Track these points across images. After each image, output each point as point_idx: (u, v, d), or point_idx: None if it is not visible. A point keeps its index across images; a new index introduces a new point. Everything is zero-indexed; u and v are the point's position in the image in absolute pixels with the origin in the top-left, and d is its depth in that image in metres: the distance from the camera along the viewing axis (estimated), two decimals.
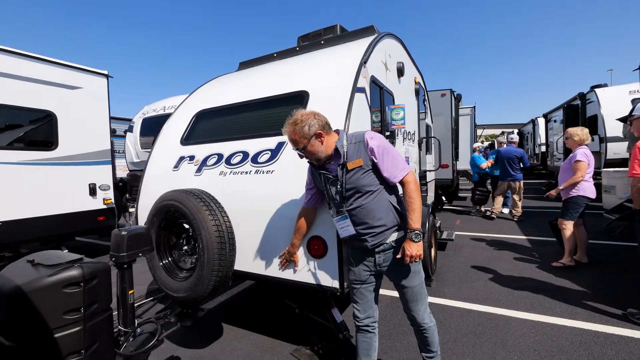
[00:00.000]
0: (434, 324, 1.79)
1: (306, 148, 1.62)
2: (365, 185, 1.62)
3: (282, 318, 2.95)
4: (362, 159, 1.61)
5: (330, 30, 3.61)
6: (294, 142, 1.65)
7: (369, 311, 1.79)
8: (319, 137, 1.62)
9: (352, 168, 1.62)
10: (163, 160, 3.04)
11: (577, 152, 3.74)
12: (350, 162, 1.63)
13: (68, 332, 1.33)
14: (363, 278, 1.76)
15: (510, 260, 4.31)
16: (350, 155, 1.64)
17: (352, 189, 1.64)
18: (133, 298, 1.79)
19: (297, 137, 1.62)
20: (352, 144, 1.66)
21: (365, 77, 2.52)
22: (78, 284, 1.35)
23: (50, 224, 4.35)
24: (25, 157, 4.13)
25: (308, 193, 1.92)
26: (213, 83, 3.64)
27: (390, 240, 1.67)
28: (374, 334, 1.82)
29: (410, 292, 1.71)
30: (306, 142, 1.61)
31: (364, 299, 1.78)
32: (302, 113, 1.67)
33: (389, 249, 1.68)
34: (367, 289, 1.78)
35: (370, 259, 1.72)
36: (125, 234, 1.71)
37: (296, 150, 1.68)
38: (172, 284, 2.25)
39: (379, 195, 1.65)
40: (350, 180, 1.63)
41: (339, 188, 1.66)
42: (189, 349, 2.55)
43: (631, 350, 2.25)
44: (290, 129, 1.63)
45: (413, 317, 1.75)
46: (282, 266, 2.13)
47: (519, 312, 2.87)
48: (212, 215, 2.09)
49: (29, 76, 4.19)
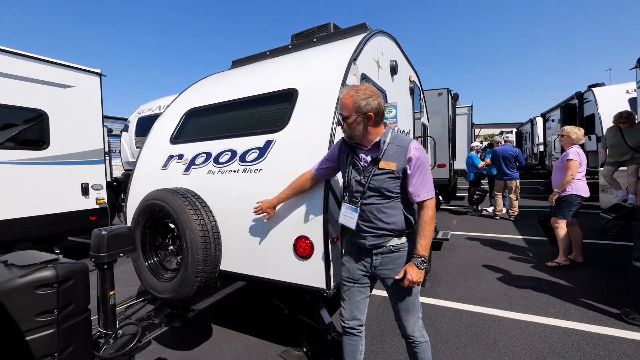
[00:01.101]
0: (425, 341, 1.69)
1: (350, 120, 1.55)
2: (387, 189, 1.56)
3: (271, 319, 2.91)
4: (396, 164, 1.55)
5: (323, 28, 3.58)
6: (344, 106, 1.57)
7: (355, 313, 1.74)
8: (367, 119, 1.55)
9: (383, 168, 1.56)
10: (152, 159, 3.00)
11: (570, 151, 3.72)
12: (384, 161, 1.56)
13: (40, 335, 1.29)
14: (356, 277, 1.71)
15: (506, 260, 4.28)
16: (388, 154, 1.57)
17: (374, 187, 1.58)
18: (114, 299, 1.75)
19: (349, 104, 1.55)
20: (394, 145, 1.59)
21: (355, 74, 2.48)
22: (51, 285, 1.32)
23: (42, 223, 4.30)
24: (16, 156, 4.09)
25: (324, 163, 1.86)
26: (204, 82, 3.60)
27: (390, 244, 1.60)
28: (360, 337, 1.77)
29: (403, 302, 1.64)
30: (354, 115, 1.54)
31: (352, 300, 1.73)
32: (368, 86, 1.60)
33: (387, 253, 1.61)
34: (358, 289, 1.72)
35: (367, 259, 1.66)
36: (105, 233, 1.67)
37: (338, 116, 1.61)
38: (157, 285, 2.21)
39: (396, 202, 1.59)
40: (376, 178, 1.57)
41: (362, 180, 1.60)
42: (176, 350, 2.51)
43: (624, 351, 2.22)
44: (349, 94, 1.57)
45: (403, 327, 1.68)
46: (254, 212, 2.05)
47: (512, 312, 2.84)
48: (197, 214, 2.06)
49: (19, 75, 4.14)
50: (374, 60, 2.95)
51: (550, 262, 3.91)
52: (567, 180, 3.62)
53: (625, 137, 4.99)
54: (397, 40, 3.81)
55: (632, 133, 4.94)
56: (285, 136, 2.27)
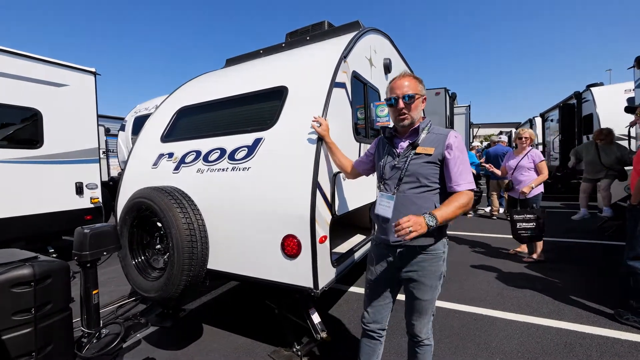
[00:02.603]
0: (430, 345, 1.64)
1: (415, 100, 1.55)
2: (423, 175, 1.51)
3: (262, 319, 2.89)
4: (434, 149, 1.51)
5: (318, 26, 3.56)
6: (409, 86, 1.55)
7: (377, 317, 1.67)
8: (424, 102, 1.62)
9: (420, 153, 1.52)
10: (143, 157, 2.98)
11: (537, 152, 4.01)
12: (422, 146, 1.53)
13: (17, 334, 1.27)
14: (380, 280, 1.64)
15: (501, 259, 4.25)
16: (425, 141, 1.55)
17: (410, 173, 1.53)
18: (97, 298, 1.73)
19: (415, 85, 1.56)
20: (433, 134, 1.57)
21: (346, 72, 2.47)
22: (28, 284, 1.30)
23: (36, 223, 4.28)
24: (9, 155, 4.07)
25: (363, 157, 1.94)
26: (196, 80, 3.58)
27: (416, 243, 1.49)
28: (379, 341, 1.71)
29: (418, 304, 1.57)
30: (419, 95, 1.56)
31: (375, 303, 1.67)
32: None
33: (412, 252, 1.52)
34: (381, 293, 1.65)
35: (390, 258, 1.60)
36: (87, 232, 1.65)
37: (400, 98, 1.54)
38: (143, 284, 2.19)
39: (430, 193, 1.52)
40: (413, 162, 1.53)
41: (397, 165, 1.57)
42: (165, 350, 2.49)
43: (616, 352, 2.19)
44: (408, 75, 1.60)
45: (411, 325, 1.62)
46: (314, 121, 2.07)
47: (505, 312, 2.82)
48: (184, 213, 2.04)
49: (13, 73, 4.12)
50: (366, 58, 2.93)
51: (526, 258, 4.11)
52: (544, 179, 3.89)
53: (600, 155, 5.07)
54: (391, 39, 3.78)
55: (608, 152, 5.04)
56: (274, 134, 2.25)
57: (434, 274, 1.54)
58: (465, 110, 9.12)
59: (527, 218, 3.67)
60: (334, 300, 3.17)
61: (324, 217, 2.05)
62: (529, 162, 3.96)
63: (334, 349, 2.38)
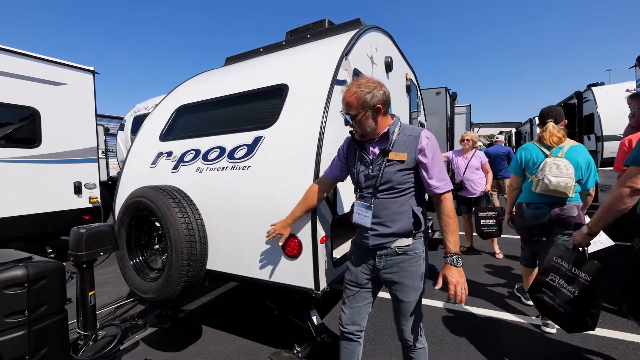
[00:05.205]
0: (423, 347, 1.62)
1: (358, 117, 1.47)
2: (397, 181, 1.48)
3: (262, 320, 2.86)
4: (407, 154, 1.47)
5: (318, 24, 3.52)
6: (348, 105, 1.49)
7: (356, 318, 1.65)
8: (376, 112, 1.48)
9: (393, 160, 1.48)
10: (141, 156, 2.94)
11: (482, 153, 4.46)
12: (394, 152, 1.48)
13: (10, 337, 1.23)
14: (359, 281, 1.63)
15: (503, 260, 4.23)
16: (398, 145, 1.49)
17: (384, 180, 1.50)
18: (94, 300, 1.69)
19: (354, 101, 1.47)
20: (404, 135, 1.51)
21: (347, 69, 2.43)
22: (21, 285, 1.26)
23: (34, 222, 4.25)
24: (6, 154, 4.03)
25: (336, 163, 1.76)
26: (196, 79, 3.55)
27: (395, 245, 1.51)
28: (358, 342, 1.69)
29: (404, 307, 1.56)
30: (362, 111, 1.46)
31: (354, 304, 1.65)
32: (369, 78, 1.53)
33: (392, 255, 1.52)
34: (361, 294, 1.64)
35: (370, 261, 1.58)
36: (84, 232, 1.61)
37: (345, 115, 1.51)
38: (142, 285, 2.15)
39: (405, 197, 1.50)
40: (386, 170, 1.49)
41: (371, 173, 1.53)
42: (163, 351, 2.45)
43: (622, 353, 2.17)
44: (351, 91, 1.49)
45: (400, 330, 1.61)
46: (268, 237, 1.91)
47: (508, 313, 2.79)
48: (182, 212, 2.00)
49: (10, 72, 4.08)
50: (367, 56, 2.89)
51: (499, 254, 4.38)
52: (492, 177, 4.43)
53: None
54: (392, 37, 3.75)
55: None
56: (275, 132, 2.22)
57: (414, 274, 1.53)
58: (466, 109, 9.11)
59: (489, 215, 3.98)
60: (335, 301, 3.14)
61: (325, 217, 2.02)
62: (478, 162, 4.38)
63: (334, 350, 2.34)
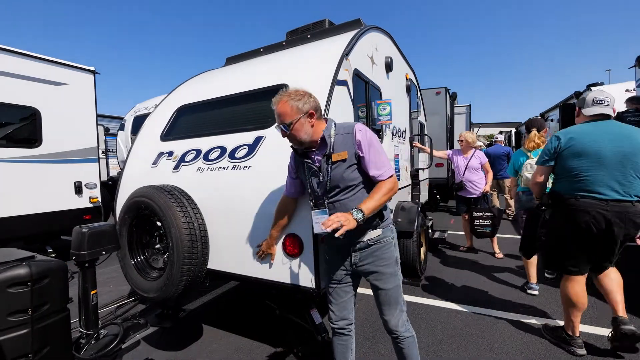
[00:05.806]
0: (411, 336, 1.65)
1: (294, 125, 1.49)
2: (347, 179, 1.53)
3: (262, 319, 2.86)
4: (347, 151, 1.52)
5: (318, 25, 3.54)
6: (282, 114, 1.51)
7: (343, 312, 1.69)
8: (310, 117, 1.52)
9: (336, 160, 1.52)
10: (142, 156, 2.95)
11: (481, 153, 4.43)
12: (336, 153, 1.52)
13: (13, 335, 1.24)
14: (339, 278, 1.67)
15: (504, 259, 4.23)
16: (337, 146, 1.53)
17: (336, 182, 1.54)
18: (96, 299, 1.70)
19: (288, 109, 1.50)
20: (340, 135, 1.55)
21: (348, 69, 2.44)
22: (25, 284, 1.26)
23: (35, 222, 4.26)
24: (7, 154, 4.04)
25: (289, 181, 1.80)
26: (196, 79, 3.56)
27: (366, 238, 1.57)
28: (350, 336, 1.72)
29: (384, 295, 1.60)
30: (296, 118, 1.49)
31: (338, 300, 1.69)
32: (298, 88, 1.58)
33: (365, 248, 1.58)
34: (342, 289, 1.68)
35: (346, 257, 1.63)
36: (86, 231, 1.62)
37: (280, 126, 1.54)
38: (143, 284, 2.16)
39: (360, 191, 1.56)
40: (334, 172, 1.53)
41: (321, 180, 1.56)
42: (164, 350, 2.46)
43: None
44: (283, 100, 1.52)
45: (385, 321, 1.63)
46: (259, 259, 2.02)
47: (508, 313, 2.79)
48: (184, 212, 2.01)
49: (11, 72, 4.09)
50: (367, 56, 2.90)
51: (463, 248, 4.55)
52: (492, 177, 4.40)
53: None
54: (392, 37, 3.76)
55: None
56: (276, 132, 2.21)
57: (389, 260, 1.60)
58: (466, 109, 9.10)
59: (484, 216, 4.00)
60: None
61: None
62: (478, 163, 4.34)
63: None
